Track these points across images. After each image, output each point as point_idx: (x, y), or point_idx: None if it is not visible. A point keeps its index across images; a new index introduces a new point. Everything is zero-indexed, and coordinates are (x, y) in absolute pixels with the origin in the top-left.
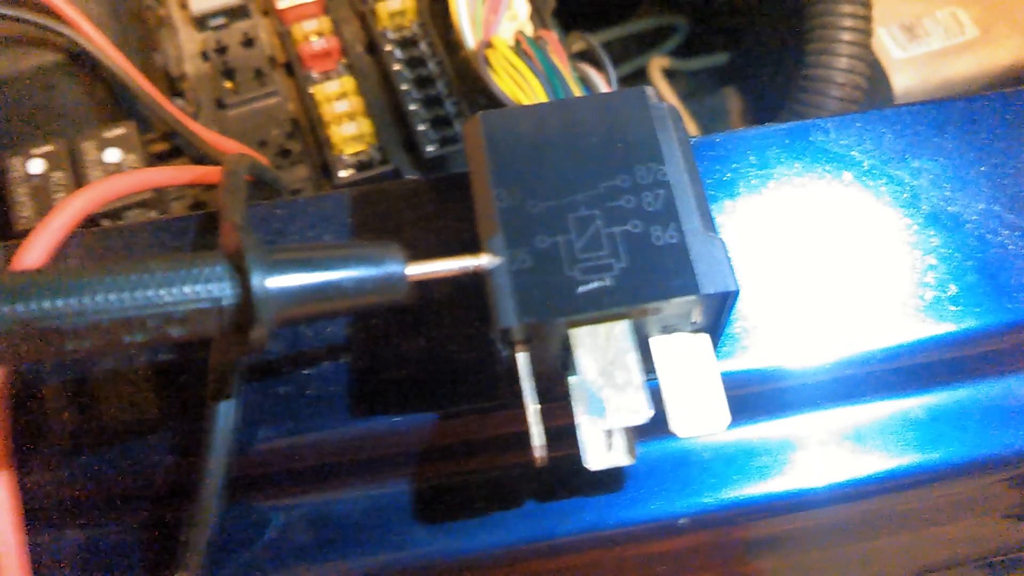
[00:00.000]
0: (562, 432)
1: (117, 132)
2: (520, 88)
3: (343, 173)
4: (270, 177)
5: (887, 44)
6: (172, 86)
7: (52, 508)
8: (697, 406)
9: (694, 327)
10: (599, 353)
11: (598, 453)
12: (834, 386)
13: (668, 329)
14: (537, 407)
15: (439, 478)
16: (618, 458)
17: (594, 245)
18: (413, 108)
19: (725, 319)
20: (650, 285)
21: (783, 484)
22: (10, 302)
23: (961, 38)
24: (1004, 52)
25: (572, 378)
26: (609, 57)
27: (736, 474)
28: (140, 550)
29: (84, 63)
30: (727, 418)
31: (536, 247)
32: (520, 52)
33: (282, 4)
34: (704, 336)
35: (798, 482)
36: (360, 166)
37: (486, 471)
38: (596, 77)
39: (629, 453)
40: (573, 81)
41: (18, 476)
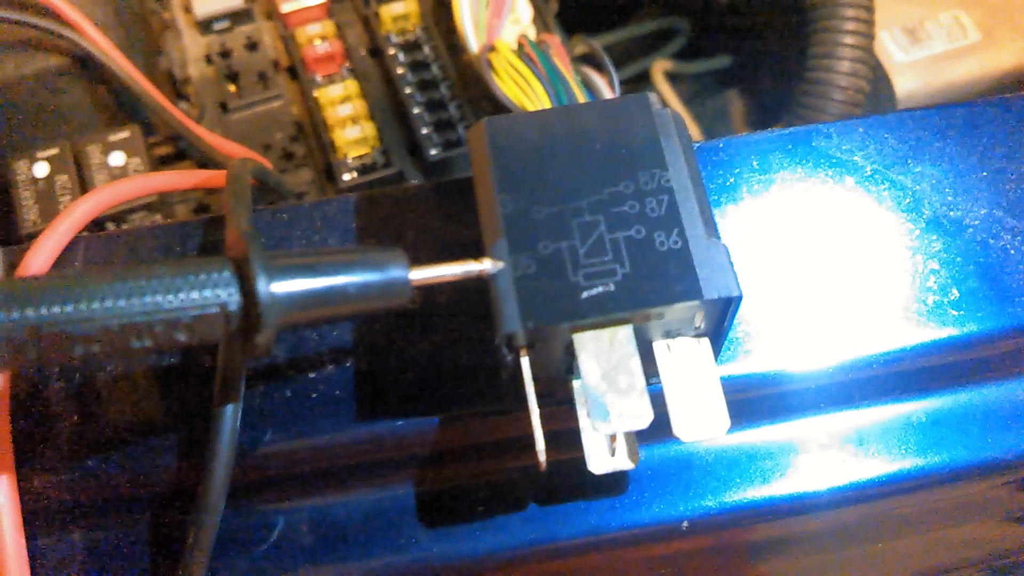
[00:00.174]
0: (565, 436)
1: (121, 136)
2: (523, 91)
3: (347, 177)
4: (274, 181)
5: (889, 47)
6: (176, 90)
7: (55, 511)
8: (698, 411)
9: (697, 332)
10: (602, 358)
11: (601, 457)
12: (836, 390)
13: (671, 334)
14: (539, 411)
15: (442, 481)
16: (621, 462)
17: (598, 250)
18: (416, 112)
19: (728, 324)
20: (653, 290)
21: (785, 488)
22: (20, 308)
23: (963, 42)
24: (1007, 56)
25: (575, 382)
26: (612, 60)
27: (738, 478)
28: (144, 553)
29: (88, 67)
30: (727, 423)
31: (540, 252)
32: (523, 55)
33: (286, 8)
34: (705, 341)
35: (800, 486)
36: (364, 169)
37: (489, 474)
38: (599, 80)
39: (632, 457)
40: (576, 84)
41: (21, 478)
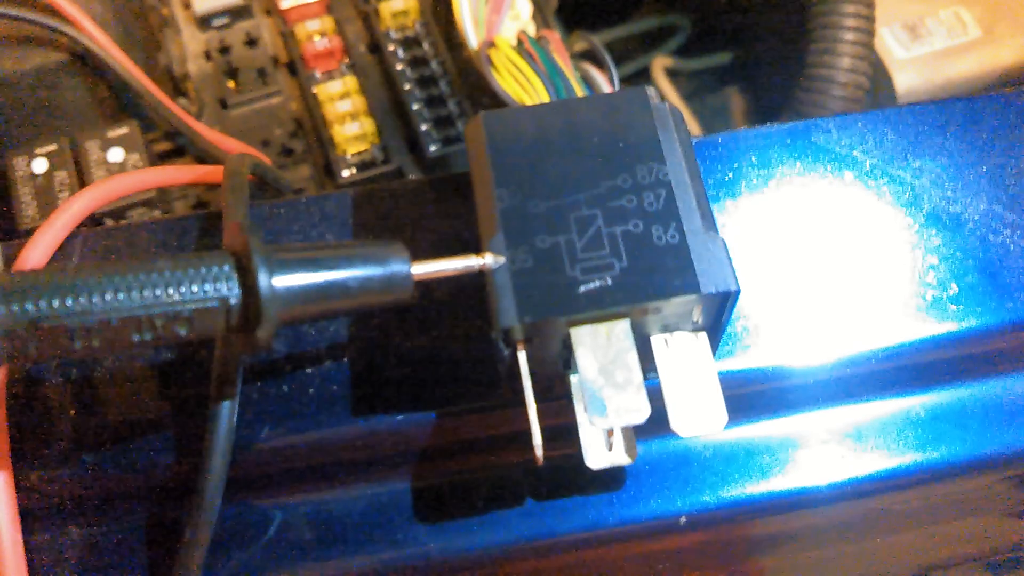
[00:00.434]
0: (563, 431)
1: (120, 131)
2: (522, 88)
3: (346, 173)
4: (273, 177)
5: (890, 44)
6: (175, 86)
7: (53, 507)
8: (696, 406)
9: (695, 326)
10: (600, 352)
11: (598, 452)
12: (835, 385)
13: (669, 328)
14: (536, 406)
15: (440, 477)
16: (618, 457)
17: (595, 245)
18: (416, 108)
19: (726, 318)
20: (651, 285)
21: (784, 483)
22: (19, 302)
23: (964, 38)
24: (1007, 52)
25: (572, 377)
26: (611, 56)
27: (736, 473)
28: (140, 548)
29: (87, 63)
30: (724, 418)
31: (537, 247)
32: (523, 52)
33: (285, 4)
34: (703, 335)
35: (799, 481)
36: (363, 166)
37: (487, 470)
38: (598, 76)
39: (629, 452)
40: (575, 81)
41: (18, 474)
